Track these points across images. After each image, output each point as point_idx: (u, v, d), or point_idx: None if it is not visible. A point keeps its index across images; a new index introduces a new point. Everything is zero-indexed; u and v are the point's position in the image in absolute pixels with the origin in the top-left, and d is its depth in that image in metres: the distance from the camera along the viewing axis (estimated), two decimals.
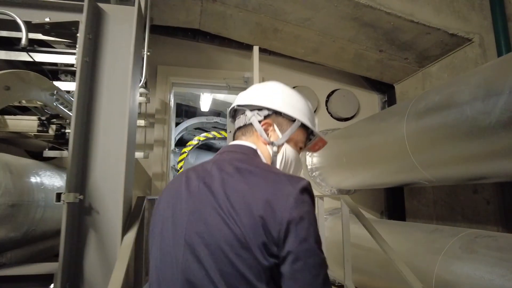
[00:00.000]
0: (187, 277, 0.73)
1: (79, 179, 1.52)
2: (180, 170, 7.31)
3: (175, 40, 4.17)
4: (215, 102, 6.80)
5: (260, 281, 0.70)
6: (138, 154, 3.32)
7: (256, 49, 3.09)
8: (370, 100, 4.62)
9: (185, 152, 7.71)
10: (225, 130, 8.18)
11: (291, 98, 1.00)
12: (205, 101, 6.03)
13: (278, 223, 0.72)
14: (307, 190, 0.78)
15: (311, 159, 4.04)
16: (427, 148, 2.23)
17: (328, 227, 3.55)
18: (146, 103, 3.52)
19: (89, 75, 1.62)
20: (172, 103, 4.21)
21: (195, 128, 8.56)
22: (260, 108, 0.98)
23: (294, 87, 4.32)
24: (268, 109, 0.97)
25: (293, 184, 0.77)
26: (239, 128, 1.00)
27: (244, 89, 3.87)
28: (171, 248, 0.79)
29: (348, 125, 3.94)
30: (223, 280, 0.70)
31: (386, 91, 4.54)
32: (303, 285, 0.71)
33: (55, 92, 1.63)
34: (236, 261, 0.70)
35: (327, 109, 4.45)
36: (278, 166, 0.96)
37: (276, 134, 0.96)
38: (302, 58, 4.09)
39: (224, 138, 8.01)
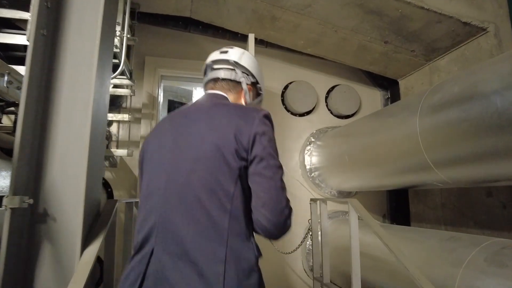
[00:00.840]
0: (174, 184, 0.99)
1: (31, 179, 1.23)
2: None
3: (165, 30, 3.88)
4: None
5: (232, 181, 0.96)
6: (121, 152, 3.03)
7: (251, 37, 2.81)
8: (372, 97, 4.36)
9: None
10: None
11: (262, 74, 1.33)
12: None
13: (247, 135, 0.98)
14: (268, 116, 1.08)
15: (310, 158, 3.77)
16: (443, 145, 1.97)
17: (328, 232, 3.27)
18: (130, 96, 3.23)
19: (47, 53, 1.33)
20: (161, 98, 3.92)
21: None
22: (248, 74, 1.26)
23: (291, 82, 4.05)
24: (254, 78, 1.29)
25: (258, 111, 1.06)
26: (224, 80, 1.22)
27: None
28: (161, 163, 1.03)
29: (349, 123, 3.67)
30: (200, 181, 0.96)
31: (389, 87, 4.29)
32: (267, 179, 0.98)
33: (6, 73, 1.35)
34: (212, 165, 0.96)
35: (326, 105, 4.19)
36: None
37: (251, 98, 1.28)
38: (302, 50, 3.82)
39: None
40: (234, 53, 1.28)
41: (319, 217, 2.57)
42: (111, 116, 3.01)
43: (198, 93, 5.53)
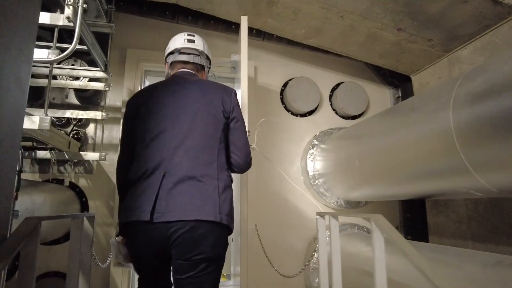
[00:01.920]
0: (180, 133, 1.40)
1: None
2: None
3: (151, 21, 3.47)
4: None
5: (221, 129, 1.43)
6: (93, 155, 2.58)
7: (244, 20, 2.39)
8: (381, 96, 3.93)
9: None
10: None
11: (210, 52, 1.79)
12: None
13: (229, 103, 1.48)
14: (235, 91, 1.55)
15: (313, 163, 3.32)
16: (487, 143, 1.53)
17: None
18: (105, 91, 2.80)
19: None
20: None
21: None
22: (207, 58, 1.73)
23: (291, 79, 3.62)
24: (209, 60, 1.75)
25: (231, 89, 1.55)
26: (193, 63, 1.63)
27: (232, 79, 3.11)
28: (167, 123, 1.41)
29: (359, 122, 3.23)
30: (201, 133, 1.40)
31: (400, 85, 3.85)
32: (240, 132, 1.49)
33: None
34: (210, 123, 1.42)
35: (331, 105, 3.75)
36: None
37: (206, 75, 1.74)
38: (303, 41, 3.41)
39: None
40: (199, 43, 1.70)
41: (323, 233, 2.10)
42: (81, 114, 2.57)
43: None
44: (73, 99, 3.12)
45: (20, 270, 0.88)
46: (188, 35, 1.68)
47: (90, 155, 2.56)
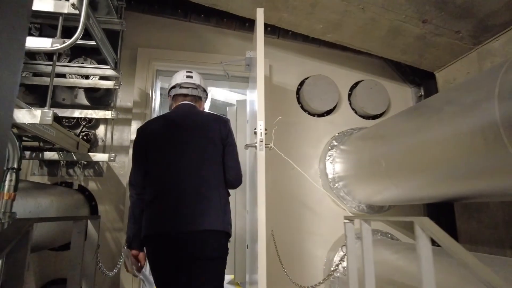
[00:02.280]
0: (186, 158, 1.68)
1: None
2: None
3: (162, 20, 3.38)
4: (214, 103, 5.98)
5: (220, 153, 1.74)
6: (102, 156, 2.47)
7: (260, 12, 2.25)
8: (402, 94, 3.73)
9: None
10: None
11: (206, 84, 2.04)
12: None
13: (225, 132, 1.77)
14: (229, 120, 1.86)
15: (333, 166, 3.14)
16: None
17: (358, 256, 2.62)
18: (115, 90, 2.69)
19: None
20: (157, 96, 3.38)
21: None
22: (203, 90, 1.98)
23: (308, 77, 3.46)
24: (205, 91, 2.00)
25: (226, 119, 1.84)
26: (192, 95, 1.91)
27: (246, 79, 2.95)
28: (177, 148, 1.70)
29: (382, 120, 3.04)
30: (205, 157, 1.69)
31: (422, 83, 3.65)
32: (232, 154, 1.78)
33: None
34: (212, 148, 1.71)
35: (350, 104, 3.57)
36: None
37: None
38: (320, 37, 3.25)
39: None
40: (196, 78, 1.96)
41: (346, 240, 1.91)
42: (90, 113, 2.47)
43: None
44: (83, 99, 3.03)
45: (4, 279, 0.74)
46: (187, 71, 1.97)
47: (99, 156, 2.45)
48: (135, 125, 3.01)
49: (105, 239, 2.87)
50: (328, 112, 3.46)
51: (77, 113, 2.38)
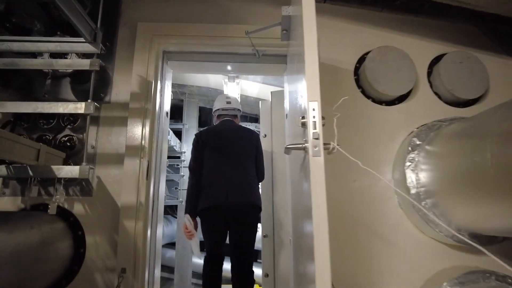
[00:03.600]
0: (233, 155, 2.50)
1: None
2: None
3: None
4: (245, 100, 5.12)
5: (253, 157, 2.55)
6: (69, 171, 1.66)
7: None
8: (506, 71, 2.61)
9: None
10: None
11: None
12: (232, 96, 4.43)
13: (256, 140, 2.62)
14: (258, 134, 2.75)
15: (416, 175, 2.12)
16: None
17: None
18: (93, 71, 1.89)
19: None
20: (165, 88, 2.56)
21: None
22: (239, 110, 2.82)
23: (369, 52, 2.47)
24: (240, 111, 2.85)
25: (256, 134, 2.69)
26: (232, 115, 2.76)
27: (281, 58, 2.01)
28: (224, 149, 2.49)
29: (491, 110, 1.97)
30: (245, 155, 2.53)
31: None
32: (260, 160, 2.61)
33: None
34: (249, 149, 2.54)
35: (430, 86, 2.53)
36: None
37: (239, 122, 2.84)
38: None
39: None
40: (233, 103, 2.82)
41: None
42: (51, 108, 1.67)
43: (230, 90, 4.19)
44: (69, 94, 2.28)
45: None
46: (226, 98, 2.85)
47: (66, 171, 1.65)
48: (133, 126, 2.20)
49: (95, 284, 2.08)
50: (401, 99, 2.45)
51: (30, 109, 1.59)
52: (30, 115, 2.07)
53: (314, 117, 1.14)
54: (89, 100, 1.77)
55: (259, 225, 2.73)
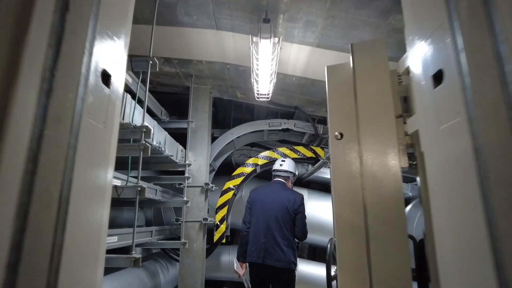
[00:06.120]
0: (271, 218, 2.92)
1: None
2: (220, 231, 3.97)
3: None
4: (284, 83, 3.25)
5: (291, 220, 2.90)
6: None
7: None
8: None
9: (231, 188, 4.18)
10: (313, 146, 4.53)
11: (295, 167, 3.33)
12: (264, 75, 2.57)
13: (298, 204, 2.94)
14: (303, 196, 3.03)
15: None
16: None
17: None
18: None
19: None
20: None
21: (250, 145, 5.03)
22: (291, 172, 3.24)
23: None
24: (293, 173, 3.26)
25: (300, 195, 3.02)
26: (285, 176, 3.20)
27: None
28: (266, 208, 2.95)
29: None
30: (280, 217, 2.90)
31: None
32: (301, 221, 2.93)
33: None
34: (286, 214, 2.89)
35: None
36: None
37: (293, 181, 3.33)
38: None
39: (312, 161, 4.39)
40: (286, 165, 3.21)
41: None
42: None
43: (263, 52, 2.30)
44: None
45: None
46: (281, 161, 3.27)
47: None
48: None
49: None
50: None
51: None
52: None
53: None
54: None
55: None
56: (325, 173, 5.48)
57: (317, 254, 7.05)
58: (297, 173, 3.30)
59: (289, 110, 4.20)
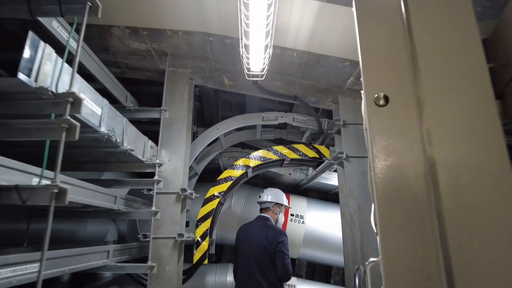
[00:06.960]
0: (252, 260, 2.78)
1: None
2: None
3: None
4: (283, 62, 2.55)
5: (271, 260, 2.72)
6: None
7: None
8: None
9: (215, 196, 3.43)
10: (314, 143, 3.82)
11: (280, 195, 3.13)
12: (256, 44, 1.88)
13: (276, 242, 2.74)
14: (284, 232, 2.86)
15: None
16: None
17: None
18: None
19: None
20: None
21: (240, 146, 4.27)
22: (271, 202, 3.08)
23: None
24: (276, 203, 3.09)
25: (280, 231, 2.86)
26: (263, 208, 3.08)
27: None
28: (247, 250, 2.83)
29: None
30: (260, 258, 2.75)
31: None
32: (281, 260, 2.70)
33: None
34: (265, 255, 2.73)
35: None
36: (275, 223, 3.01)
37: (278, 211, 3.10)
38: None
39: (314, 162, 3.66)
40: (265, 196, 3.10)
41: None
42: None
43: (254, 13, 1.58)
44: None
45: None
46: (261, 192, 3.18)
47: None
48: None
49: None
50: None
51: None
52: None
53: None
54: None
55: None
56: (327, 179, 4.73)
57: (316, 271, 6.28)
58: (284, 203, 3.12)
59: (287, 101, 3.48)
